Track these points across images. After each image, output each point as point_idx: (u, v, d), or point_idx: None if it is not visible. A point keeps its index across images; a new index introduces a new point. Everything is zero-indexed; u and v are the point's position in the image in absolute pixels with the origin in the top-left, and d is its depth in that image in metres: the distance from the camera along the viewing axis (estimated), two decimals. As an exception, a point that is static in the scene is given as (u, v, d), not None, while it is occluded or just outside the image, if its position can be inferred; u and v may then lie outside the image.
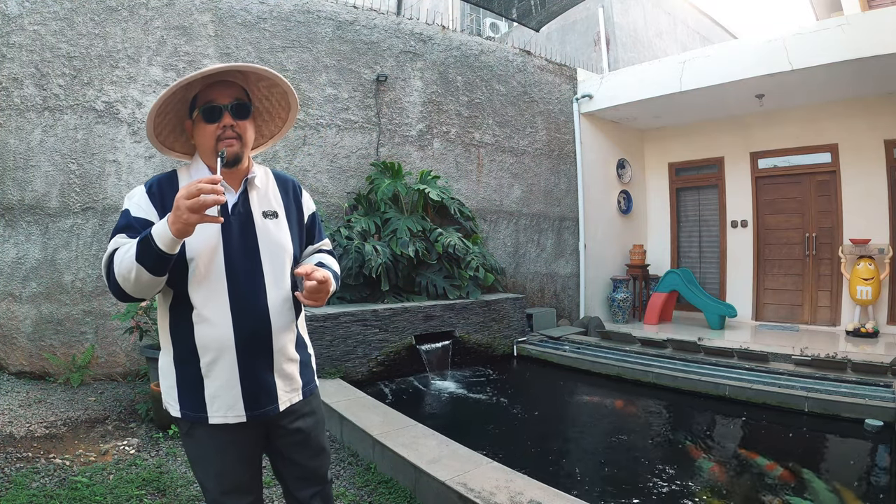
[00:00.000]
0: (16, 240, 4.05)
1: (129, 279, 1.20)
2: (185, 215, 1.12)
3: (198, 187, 1.12)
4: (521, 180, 6.84)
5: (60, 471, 2.71)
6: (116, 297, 1.27)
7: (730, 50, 6.05)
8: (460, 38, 6.41)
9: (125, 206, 1.34)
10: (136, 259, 1.18)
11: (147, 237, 1.18)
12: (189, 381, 1.35)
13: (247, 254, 1.37)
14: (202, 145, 1.39)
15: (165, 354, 1.40)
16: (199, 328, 1.32)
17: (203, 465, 1.39)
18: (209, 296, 1.32)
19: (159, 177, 1.40)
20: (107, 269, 1.26)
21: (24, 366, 4.08)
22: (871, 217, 6.24)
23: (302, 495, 1.51)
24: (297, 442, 1.47)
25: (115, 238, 1.28)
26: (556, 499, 2.24)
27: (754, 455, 3.13)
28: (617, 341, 5.66)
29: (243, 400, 1.35)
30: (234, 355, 1.33)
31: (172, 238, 1.15)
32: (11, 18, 4.02)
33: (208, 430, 1.36)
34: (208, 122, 1.35)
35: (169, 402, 1.39)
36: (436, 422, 3.64)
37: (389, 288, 5.07)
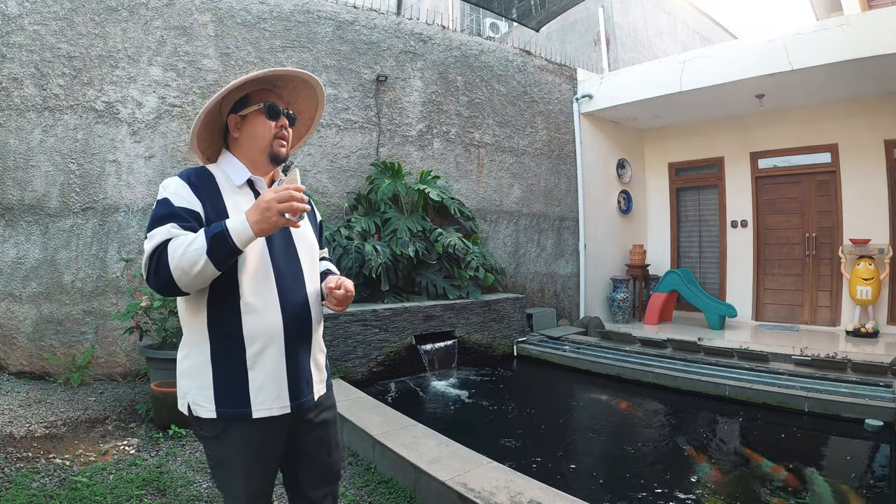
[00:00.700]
0: (16, 240, 4.05)
1: (190, 272, 1.19)
2: (274, 217, 1.19)
3: (290, 194, 1.19)
4: (521, 180, 6.84)
5: (60, 471, 2.71)
6: (161, 290, 1.24)
7: (730, 50, 6.05)
8: (460, 38, 6.41)
9: (163, 196, 1.31)
10: (207, 253, 1.18)
11: (223, 233, 1.20)
12: (231, 375, 1.32)
13: (287, 249, 1.42)
14: (256, 138, 1.42)
15: (196, 353, 1.35)
16: (247, 317, 1.32)
17: (230, 468, 1.36)
18: (258, 286, 1.34)
19: (192, 170, 1.40)
20: (156, 260, 1.21)
21: (24, 366, 4.08)
22: (871, 217, 6.24)
23: (315, 495, 1.51)
24: (321, 437, 1.49)
25: (164, 228, 1.24)
26: (556, 499, 2.24)
27: (759, 458, 3.10)
28: (617, 341, 5.66)
29: (288, 390, 1.36)
30: (283, 344, 1.35)
31: (252, 236, 1.21)
32: (11, 18, 4.02)
33: (243, 429, 1.33)
34: (271, 118, 1.41)
35: (200, 404, 1.33)
36: (436, 422, 3.65)
37: (389, 288, 5.07)
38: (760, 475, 2.94)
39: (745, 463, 3.19)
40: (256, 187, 1.44)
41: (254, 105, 1.41)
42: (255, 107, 1.41)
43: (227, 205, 1.36)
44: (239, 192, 1.40)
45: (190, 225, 1.27)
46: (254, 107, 1.41)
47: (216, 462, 1.40)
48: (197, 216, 1.30)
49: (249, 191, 1.42)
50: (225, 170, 1.42)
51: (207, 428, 1.35)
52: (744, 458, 3.26)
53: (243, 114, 1.42)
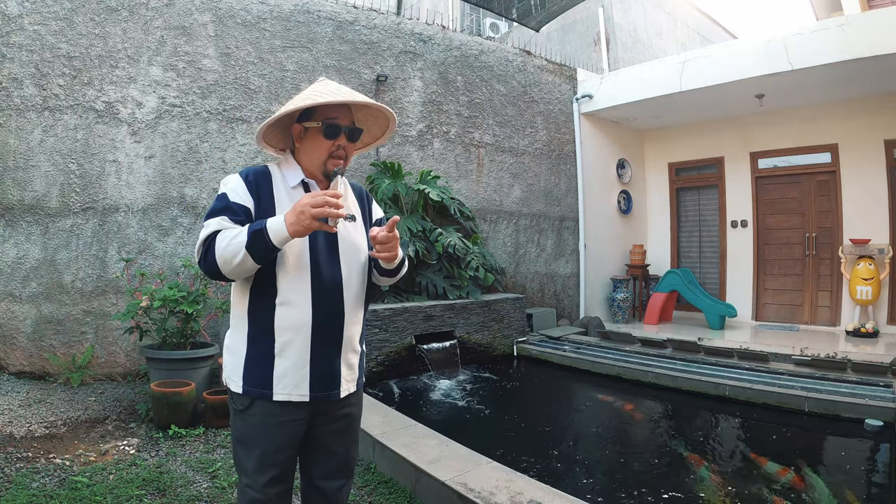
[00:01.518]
0: (16, 240, 4.05)
1: (231, 262, 1.31)
2: (307, 220, 1.27)
3: (324, 199, 1.26)
4: (521, 180, 6.84)
5: (60, 471, 2.71)
6: (208, 274, 1.37)
7: (730, 50, 6.05)
8: (460, 38, 6.41)
9: (222, 191, 1.42)
10: (245, 247, 1.29)
11: (262, 230, 1.29)
12: (260, 358, 1.42)
13: (329, 250, 1.48)
14: (312, 154, 1.49)
15: (237, 333, 1.47)
16: (280, 310, 1.41)
17: (249, 444, 1.45)
18: (294, 283, 1.42)
19: (253, 169, 1.49)
20: (205, 248, 1.35)
21: (24, 366, 4.08)
22: (871, 217, 6.25)
23: (329, 486, 1.57)
24: (340, 429, 1.55)
25: (217, 219, 1.36)
26: (556, 499, 2.24)
27: (764, 461, 3.06)
28: (617, 341, 5.66)
29: (309, 381, 1.44)
30: (309, 338, 1.43)
31: (287, 236, 1.29)
32: (11, 18, 4.02)
33: (265, 408, 1.42)
34: (327, 138, 1.47)
35: (231, 378, 1.46)
36: (436, 422, 3.65)
37: (389, 288, 5.07)
38: (764, 477, 2.94)
39: (746, 464, 3.19)
40: (310, 188, 1.51)
41: (315, 120, 1.47)
42: (315, 123, 1.47)
43: (276, 203, 1.44)
44: (291, 192, 1.48)
45: (240, 219, 1.38)
46: (315, 123, 1.47)
47: (238, 437, 1.49)
48: (248, 211, 1.41)
49: (302, 192, 1.49)
50: (283, 171, 1.51)
51: (237, 401, 1.46)
52: (745, 460, 3.26)
53: (306, 126, 1.49)
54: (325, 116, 1.46)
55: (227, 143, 4.78)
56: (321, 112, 1.46)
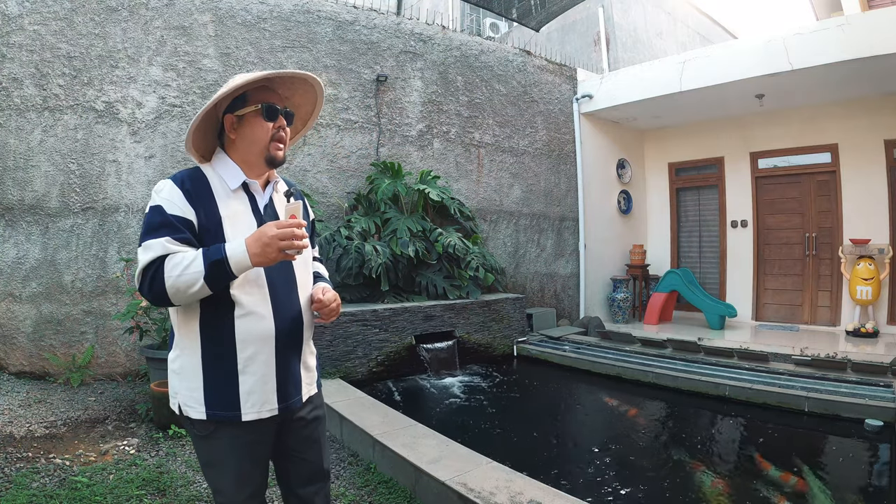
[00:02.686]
0: (16, 240, 4.05)
1: (185, 292, 1.23)
2: (274, 254, 1.23)
3: (293, 232, 1.23)
4: (521, 180, 6.84)
5: (60, 471, 2.71)
6: (153, 302, 1.28)
7: (730, 50, 6.04)
8: (460, 38, 6.41)
9: (156, 202, 1.30)
10: (204, 278, 1.22)
11: (222, 260, 1.22)
12: (221, 378, 1.34)
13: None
14: (252, 141, 1.40)
15: (187, 354, 1.36)
16: (241, 323, 1.33)
17: (221, 468, 1.39)
18: (251, 292, 1.35)
19: (186, 173, 1.38)
20: (151, 275, 1.23)
21: (24, 366, 4.08)
22: (871, 217, 6.24)
23: (306, 492, 1.54)
24: (308, 436, 1.51)
25: (158, 241, 1.24)
26: (556, 499, 2.24)
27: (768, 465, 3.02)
28: (617, 341, 5.66)
29: (277, 392, 1.38)
30: (273, 348, 1.36)
31: (249, 266, 1.24)
32: (11, 18, 4.02)
33: (233, 431, 1.35)
34: (268, 120, 1.39)
35: (189, 405, 1.35)
36: (436, 422, 3.65)
37: (389, 288, 5.07)
38: (766, 480, 2.94)
39: (746, 465, 3.18)
40: (251, 190, 1.44)
41: (251, 105, 1.39)
42: (252, 107, 1.39)
43: (221, 211, 1.35)
44: (234, 195, 1.39)
45: (184, 236, 1.27)
46: (251, 107, 1.39)
47: (206, 461, 1.43)
48: (190, 225, 1.30)
49: (244, 194, 1.42)
50: (219, 172, 1.41)
51: (199, 428, 1.37)
52: (745, 460, 3.26)
53: (240, 114, 1.40)
54: (257, 101, 1.39)
55: (227, 143, 4.78)
56: (253, 97, 1.39)
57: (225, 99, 1.39)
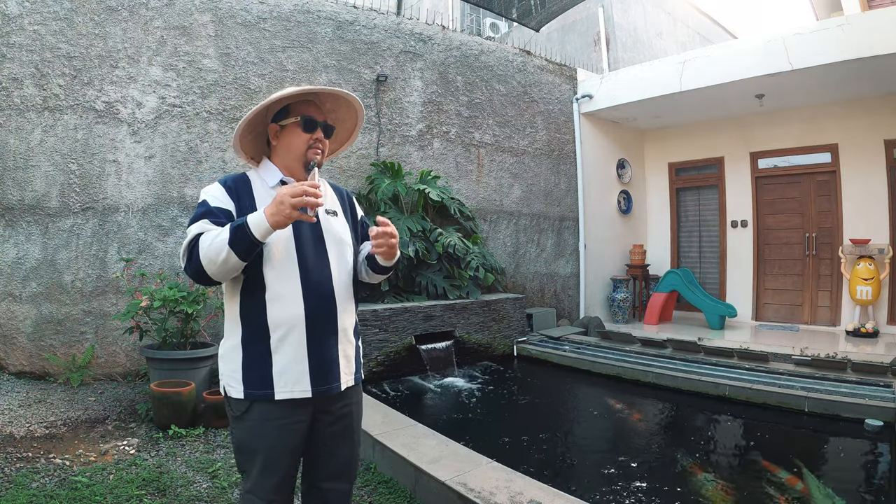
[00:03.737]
0: (16, 240, 4.05)
1: (215, 261, 1.31)
2: (287, 210, 1.29)
3: (303, 189, 1.30)
4: (521, 180, 6.84)
5: (60, 471, 2.71)
6: (194, 277, 1.37)
7: (730, 50, 6.05)
8: (460, 38, 6.41)
9: (202, 198, 1.46)
10: (228, 243, 1.30)
11: (242, 225, 1.31)
12: (257, 359, 1.42)
13: (315, 243, 1.51)
14: (291, 149, 1.53)
15: (231, 338, 1.47)
16: (271, 305, 1.42)
17: (249, 450, 1.44)
18: (282, 277, 1.43)
19: (232, 176, 1.53)
20: (189, 251, 1.35)
21: (24, 366, 4.08)
22: (871, 217, 6.24)
23: (330, 487, 1.57)
24: (342, 430, 1.55)
25: (198, 223, 1.39)
26: (556, 499, 2.24)
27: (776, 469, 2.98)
28: (617, 341, 5.66)
29: (310, 375, 1.44)
30: (304, 331, 1.43)
31: (268, 228, 1.30)
32: (11, 18, 4.02)
33: (265, 411, 1.42)
34: (306, 131, 1.52)
35: (231, 385, 1.45)
36: (436, 422, 3.65)
37: (389, 288, 5.07)
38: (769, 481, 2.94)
39: (746, 465, 3.18)
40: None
41: (292, 117, 1.52)
42: (292, 119, 1.52)
43: (258, 203, 1.47)
44: (271, 192, 1.50)
45: (221, 221, 1.39)
46: (291, 119, 1.52)
47: (239, 442, 1.48)
48: (229, 214, 1.43)
49: None
50: (262, 174, 1.55)
51: (235, 407, 1.45)
52: (744, 460, 3.26)
53: (282, 124, 1.53)
54: (299, 114, 1.52)
55: (227, 143, 4.78)
56: (296, 110, 1.52)
57: (271, 109, 1.53)
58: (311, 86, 1.53)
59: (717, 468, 3.07)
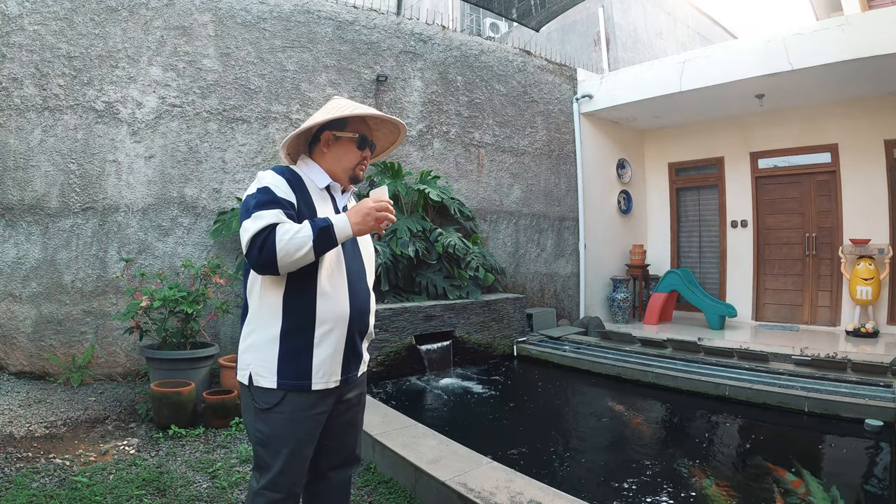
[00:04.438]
0: (16, 240, 4.05)
1: (293, 255, 1.37)
2: (371, 222, 1.44)
3: (387, 206, 1.45)
4: (521, 180, 6.84)
5: (60, 471, 2.71)
6: (260, 267, 1.40)
7: (730, 50, 6.04)
8: (460, 38, 6.41)
9: (263, 185, 1.46)
10: (312, 241, 1.37)
11: (329, 227, 1.40)
12: (298, 350, 1.47)
13: (353, 247, 1.63)
14: (342, 161, 1.62)
15: (268, 329, 1.48)
16: (321, 301, 1.49)
17: (279, 441, 1.47)
18: (331, 277, 1.52)
19: (283, 168, 1.56)
20: (263, 239, 1.37)
21: (24, 366, 4.08)
22: (871, 217, 6.24)
23: (336, 474, 1.68)
24: (352, 418, 1.67)
25: (272, 211, 1.40)
26: (556, 499, 2.24)
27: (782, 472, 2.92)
28: (617, 341, 5.66)
29: (342, 366, 1.54)
30: (346, 328, 1.53)
31: (349, 235, 1.44)
32: (11, 18, 4.02)
33: (297, 402, 1.47)
34: (360, 149, 1.63)
35: (261, 374, 1.47)
36: (436, 422, 3.65)
37: (389, 288, 5.07)
38: (766, 480, 2.94)
39: (745, 465, 3.18)
40: (332, 192, 1.63)
41: (349, 132, 1.60)
42: (350, 133, 1.61)
43: (314, 202, 1.55)
44: (319, 193, 1.59)
45: (291, 214, 1.44)
46: (349, 133, 1.61)
47: (264, 436, 1.49)
48: (294, 206, 1.48)
49: (327, 195, 1.62)
50: (307, 173, 1.60)
51: (264, 399, 1.47)
52: (744, 460, 3.26)
53: (338, 135, 1.60)
54: (357, 131, 1.61)
55: (227, 143, 4.78)
56: (353, 125, 1.61)
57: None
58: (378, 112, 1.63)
59: (718, 468, 3.07)
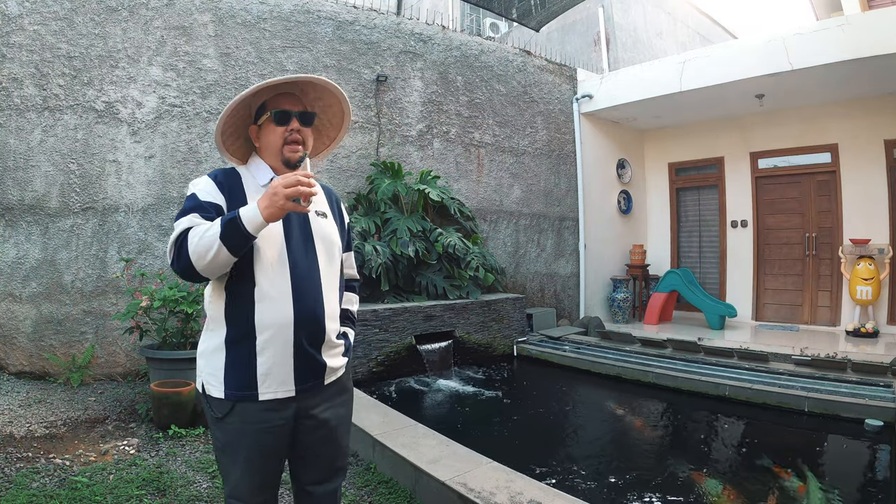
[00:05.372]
0: (16, 240, 4.05)
1: (205, 257, 1.27)
2: (281, 201, 1.24)
3: (297, 179, 1.25)
4: (521, 180, 6.84)
5: (60, 471, 2.71)
6: (183, 273, 1.32)
7: (730, 50, 6.05)
8: (460, 38, 6.41)
9: (191, 192, 1.41)
10: (219, 237, 1.25)
11: (234, 218, 1.26)
12: (241, 359, 1.39)
13: (304, 243, 1.48)
14: (269, 145, 1.50)
15: (215, 337, 1.43)
16: (260, 306, 1.39)
17: (232, 452, 1.42)
18: (271, 277, 1.40)
19: (222, 170, 1.50)
20: (178, 246, 1.30)
21: (24, 366, 4.08)
22: (871, 217, 6.24)
23: (318, 490, 1.56)
24: (324, 435, 1.52)
25: (187, 217, 1.33)
26: (556, 499, 2.24)
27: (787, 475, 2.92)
28: (617, 341, 5.66)
29: (294, 376, 1.42)
30: (291, 332, 1.40)
31: (261, 221, 1.26)
32: (11, 18, 4.02)
33: (247, 413, 1.39)
34: (278, 125, 1.48)
35: (211, 384, 1.42)
36: (436, 422, 3.65)
37: (389, 288, 5.07)
38: (766, 480, 2.94)
39: (744, 465, 3.18)
40: None
41: (266, 113, 1.49)
42: (266, 115, 1.49)
43: (248, 199, 1.43)
44: (261, 191, 1.46)
45: (210, 216, 1.35)
46: (265, 115, 1.49)
47: (220, 446, 1.45)
48: (219, 208, 1.39)
49: None
50: (252, 171, 1.52)
51: (216, 408, 1.42)
52: (745, 460, 3.26)
53: (259, 123, 1.51)
54: (273, 108, 1.48)
55: (227, 143, 4.78)
56: (269, 105, 1.49)
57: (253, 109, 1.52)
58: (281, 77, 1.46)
59: (718, 469, 3.07)
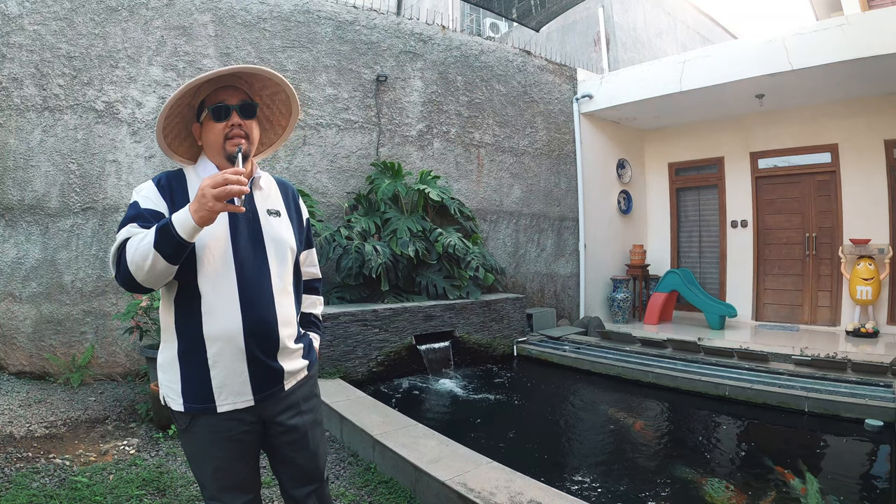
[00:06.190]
0: (16, 240, 4.05)
1: (143, 267, 1.21)
2: (210, 203, 1.16)
3: (224, 177, 1.17)
4: (521, 180, 6.84)
5: (60, 471, 2.71)
6: (125, 285, 1.27)
7: (730, 50, 6.04)
8: (460, 38, 6.41)
9: (133, 199, 1.36)
10: (154, 246, 1.19)
11: (167, 225, 1.20)
12: (195, 372, 1.36)
13: (253, 246, 1.42)
14: (211, 143, 1.43)
15: (168, 349, 1.40)
16: (207, 318, 1.34)
17: (201, 461, 1.41)
18: (218, 285, 1.35)
19: (167, 172, 1.44)
20: (117, 257, 1.26)
21: (24, 366, 4.08)
22: (871, 217, 6.24)
23: (297, 493, 1.54)
24: (294, 440, 1.49)
25: (126, 227, 1.28)
26: (556, 499, 2.24)
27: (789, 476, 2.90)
28: (617, 341, 5.66)
29: (251, 385, 1.38)
30: (242, 343, 1.36)
31: (194, 226, 1.18)
32: (11, 18, 4.02)
33: (209, 424, 1.37)
34: (217, 121, 1.40)
35: (170, 397, 1.39)
36: (436, 422, 3.65)
37: (389, 288, 5.07)
38: (764, 480, 2.94)
39: (744, 465, 3.18)
40: None
41: (204, 110, 1.42)
42: (204, 112, 1.42)
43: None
44: None
45: (149, 225, 1.28)
46: (204, 112, 1.42)
47: (189, 455, 1.45)
48: (159, 216, 1.32)
49: None
50: (199, 171, 1.46)
51: (178, 420, 1.41)
52: (745, 460, 3.26)
53: (201, 120, 1.44)
54: (211, 103, 1.41)
55: (227, 143, 4.78)
56: (209, 101, 1.42)
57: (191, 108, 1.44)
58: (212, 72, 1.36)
59: (718, 469, 3.07)
